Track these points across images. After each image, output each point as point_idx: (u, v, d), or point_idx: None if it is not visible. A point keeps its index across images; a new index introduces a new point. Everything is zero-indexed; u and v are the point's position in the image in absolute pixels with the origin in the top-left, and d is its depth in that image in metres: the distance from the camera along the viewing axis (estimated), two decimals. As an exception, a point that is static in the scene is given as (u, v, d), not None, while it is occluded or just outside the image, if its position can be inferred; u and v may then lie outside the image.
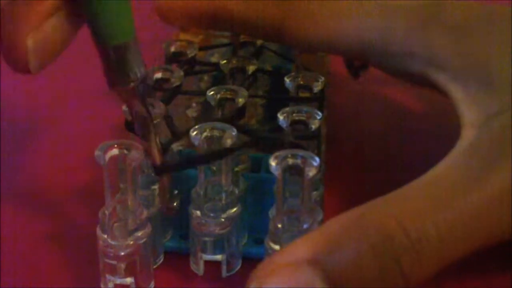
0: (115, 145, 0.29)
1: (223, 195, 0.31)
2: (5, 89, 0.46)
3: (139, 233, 0.30)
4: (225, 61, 0.37)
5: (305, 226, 0.29)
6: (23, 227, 0.35)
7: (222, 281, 0.32)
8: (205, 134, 0.30)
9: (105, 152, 0.29)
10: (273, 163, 0.28)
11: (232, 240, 0.32)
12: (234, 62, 0.37)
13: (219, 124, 0.31)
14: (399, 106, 0.46)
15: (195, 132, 0.31)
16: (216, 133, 0.31)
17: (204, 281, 0.32)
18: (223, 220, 0.31)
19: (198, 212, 0.31)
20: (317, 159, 0.28)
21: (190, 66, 0.38)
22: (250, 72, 0.36)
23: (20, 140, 0.42)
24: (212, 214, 0.31)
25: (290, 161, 0.29)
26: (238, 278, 0.32)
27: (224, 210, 0.31)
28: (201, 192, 0.31)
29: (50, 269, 0.33)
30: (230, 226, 0.31)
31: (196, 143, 0.30)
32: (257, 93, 0.38)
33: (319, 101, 0.35)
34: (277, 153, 0.29)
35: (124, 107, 0.32)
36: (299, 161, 0.28)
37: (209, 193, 0.31)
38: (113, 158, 0.29)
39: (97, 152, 0.29)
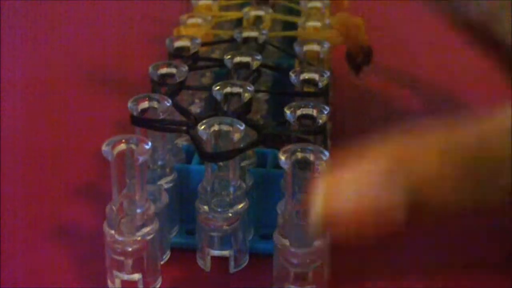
0: (123, 140, 0.29)
1: (231, 190, 0.31)
2: (5, 86, 0.46)
3: (147, 229, 0.29)
4: (229, 57, 0.36)
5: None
6: (26, 224, 0.35)
7: (229, 277, 0.32)
8: (213, 128, 0.30)
9: (112, 147, 0.29)
10: (282, 157, 0.28)
11: (239, 235, 0.31)
12: (238, 57, 0.36)
13: (227, 119, 0.31)
14: (400, 103, 0.46)
15: (203, 127, 0.30)
16: (224, 127, 0.30)
17: (211, 277, 0.32)
18: (230, 215, 0.31)
19: (206, 207, 0.31)
20: (327, 153, 0.28)
21: (193, 61, 0.37)
22: (254, 67, 0.36)
23: (23, 136, 0.42)
24: (219, 209, 0.31)
25: (300, 155, 0.28)
26: (245, 273, 0.32)
27: (231, 205, 0.31)
28: (208, 187, 0.31)
29: (55, 267, 0.32)
30: (237, 221, 0.31)
31: (204, 137, 0.30)
32: (260, 88, 0.38)
33: (324, 96, 0.35)
34: (286, 147, 0.28)
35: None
36: (308, 155, 0.28)
37: (216, 188, 0.31)
38: (120, 153, 0.29)
39: (104, 147, 0.29)
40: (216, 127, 0.30)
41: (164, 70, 0.35)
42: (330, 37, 0.40)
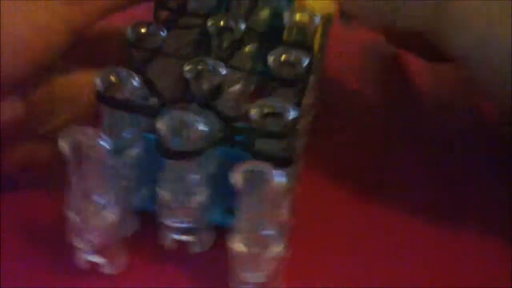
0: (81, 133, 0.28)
1: (191, 180, 0.30)
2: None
3: (109, 212, 0.29)
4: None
5: (267, 231, 0.28)
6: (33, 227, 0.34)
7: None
8: (176, 121, 0.29)
9: (69, 139, 0.28)
10: (235, 174, 0.27)
11: (203, 221, 0.31)
12: None
13: (192, 111, 0.29)
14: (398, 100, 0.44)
15: (164, 120, 0.29)
16: (188, 119, 0.29)
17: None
18: (192, 204, 0.30)
19: (167, 195, 0.30)
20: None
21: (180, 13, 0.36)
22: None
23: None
24: (181, 197, 0.30)
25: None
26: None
27: (192, 194, 0.30)
28: (169, 177, 0.30)
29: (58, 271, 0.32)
30: (199, 210, 0.31)
31: (164, 133, 0.29)
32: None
33: (308, 48, 0.33)
34: (239, 166, 0.27)
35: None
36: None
37: (177, 177, 0.30)
38: (78, 147, 0.28)
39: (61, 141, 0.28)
40: (180, 119, 0.29)
41: (142, 30, 0.33)
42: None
